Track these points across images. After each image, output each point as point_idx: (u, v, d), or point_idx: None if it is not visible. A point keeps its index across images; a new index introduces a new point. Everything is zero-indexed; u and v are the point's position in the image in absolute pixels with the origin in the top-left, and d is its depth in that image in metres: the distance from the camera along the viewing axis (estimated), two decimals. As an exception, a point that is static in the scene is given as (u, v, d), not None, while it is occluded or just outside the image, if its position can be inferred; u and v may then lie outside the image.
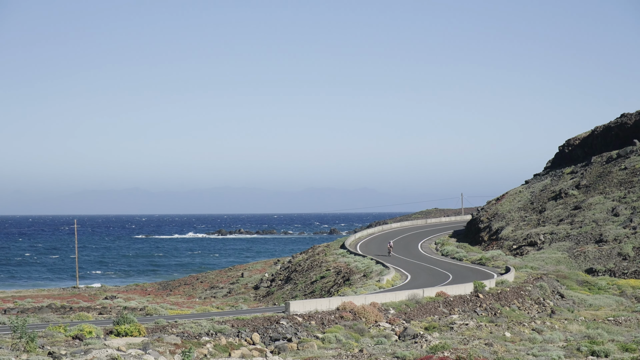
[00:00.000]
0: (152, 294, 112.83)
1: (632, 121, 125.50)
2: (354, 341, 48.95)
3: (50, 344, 40.38)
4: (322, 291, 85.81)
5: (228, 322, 48.63)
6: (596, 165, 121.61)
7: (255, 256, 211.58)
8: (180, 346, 42.34)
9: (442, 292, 63.97)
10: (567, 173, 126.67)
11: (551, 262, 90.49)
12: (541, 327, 56.43)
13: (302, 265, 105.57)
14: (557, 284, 75.96)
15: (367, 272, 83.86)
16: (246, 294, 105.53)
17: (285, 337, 48.07)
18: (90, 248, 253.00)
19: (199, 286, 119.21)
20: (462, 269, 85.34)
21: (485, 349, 45.98)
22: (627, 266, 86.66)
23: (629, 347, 47.23)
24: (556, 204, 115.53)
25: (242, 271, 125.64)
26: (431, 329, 54.57)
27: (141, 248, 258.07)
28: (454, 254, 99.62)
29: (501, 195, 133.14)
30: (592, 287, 77.88)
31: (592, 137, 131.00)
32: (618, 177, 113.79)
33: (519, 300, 67.83)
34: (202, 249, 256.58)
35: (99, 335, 42.76)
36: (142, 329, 43.90)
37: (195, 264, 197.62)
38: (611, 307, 69.19)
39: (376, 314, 55.63)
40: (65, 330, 43.25)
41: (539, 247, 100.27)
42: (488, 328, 54.90)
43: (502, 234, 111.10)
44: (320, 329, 51.37)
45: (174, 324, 47.43)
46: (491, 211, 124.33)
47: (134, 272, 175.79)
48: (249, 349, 44.96)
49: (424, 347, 46.49)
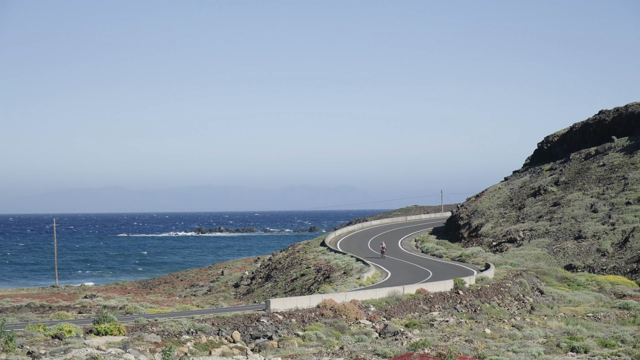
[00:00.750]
0: (132, 292, 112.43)
1: (610, 118, 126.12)
2: (335, 339, 48.95)
3: (29, 344, 40.17)
4: (303, 289, 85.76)
5: (208, 321, 48.53)
6: (575, 162, 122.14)
7: (235, 254, 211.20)
8: (161, 345, 42.21)
9: (423, 289, 64.08)
10: (546, 170, 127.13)
11: (531, 258, 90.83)
12: (521, 324, 56.60)
13: (283, 263, 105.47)
14: (536, 280, 76.23)
15: (347, 270, 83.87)
16: (226, 292, 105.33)
17: (266, 335, 48.01)
18: (70, 247, 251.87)
19: (179, 284, 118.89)
20: (442, 266, 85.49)
21: (465, 345, 46.06)
22: (606, 262, 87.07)
23: (608, 343, 47.44)
24: (535, 200, 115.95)
25: (222, 269, 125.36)
26: (411, 326, 54.62)
27: (121, 247, 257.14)
28: (434, 251, 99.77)
29: (481, 192, 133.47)
30: (572, 284, 78.20)
31: (570, 134, 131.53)
32: (596, 174, 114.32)
33: (499, 296, 68.02)
34: (182, 247, 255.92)
35: (78, 335, 42.57)
36: (122, 328, 43.74)
37: (175, 262, 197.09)
38: (590, 303, 69.48)
39: (357, 312, 55.65)
40: (44, 330, 43.03)
41: (519, 243, 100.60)
42: (468, 325, 55.00)
43: (482, 231, 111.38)
44: (301, 326, 51.35)
45: (154, 322, 47.28)
46: (471, 208, 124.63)
47: (114, 271, 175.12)
48: (230, 347, 44.87)
49: (405, 344, 46.53)
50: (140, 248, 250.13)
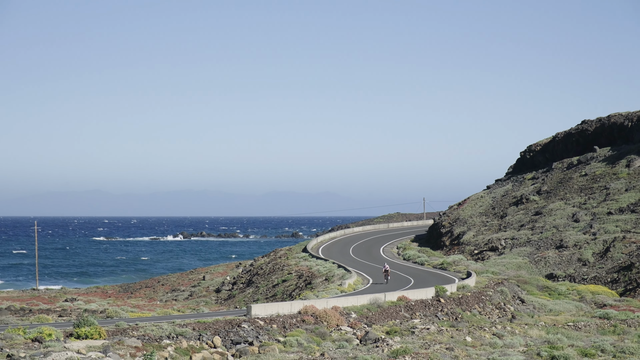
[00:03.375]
0: (113, 296, 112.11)
1: (592, 128, 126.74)
2: (316, 345, 48.91)
3: (9, 347, 39.95)
4: (284, 295, 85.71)
5: (189, 325, 48.42)
6: (557, 171, 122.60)
7: (217, 259, 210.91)
8: (141, 349, 42.08)
9: (404, 297, 64.11)
10: (528, 179, 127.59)
11: (512, 267, 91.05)
12: (502, 332, 56.70)
13: (264, 269, 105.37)
14: (517, 289, 76.41)
15: (329, 276, 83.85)
16: (208, 297, 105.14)
17: (247, 340, 47.93)
18: (51, 250, 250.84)
19: (160, 289, 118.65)
20: (423, 274, 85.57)
21: (446, 353, 46.10)
22: (587, 272, 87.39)
23: (589, 352, 47.57)
24: (517, 209, 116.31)
25: (203, 274, 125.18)
26: (392, 333, 54.63)
27: (102, 250, 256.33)
28: (416, 259, 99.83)
29: (463, 200, 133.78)
30: (553, 293, 78.42)
31: (553, 143, 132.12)
32: (578, 183, 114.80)
33: (480, 305, 68.14)
34: (164, 251, 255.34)
35: (58, 338, 42.39)
36: (102, 332, 43.59)
37: (156, 266, 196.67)
38: (571, 313, 69.69)
39: (338, 318, 55.63)
40: (24, 333, 42.81)
41: (500, 252, 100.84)
42: (449, 332, 55.06)
43: (464, 239, 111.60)
44: (282, 332, 51.29)
45: (134, 326, 47.13)
46: (453, 216, 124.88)
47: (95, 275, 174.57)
48: (210, 352, 44.78)
49: (386, 351, 46.53)
50: (122, 252, 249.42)
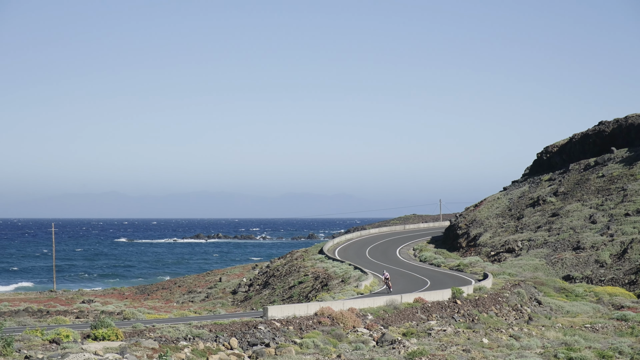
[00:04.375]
0: (130, 298, 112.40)
1: (609, 129, 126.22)
2: (332, 346, 48.90)
3: (27, 348, 40.11)
4: (300, 296, 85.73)
5: (206, 327, 48.49)
6: (574, 173, 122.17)
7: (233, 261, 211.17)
8: (158, 350, 42.17)
9: (420, 298, 64.03)
10: (545, 180, 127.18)
11: (529, 268, 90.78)
12: (518, 334, 56.56)
13: (280, 270, 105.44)
14: (534, 290, 76.19)
15: (345, 278, 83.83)
16: (224, 298, 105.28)
17: (263, 342, 47.95)
18: (68, 252, 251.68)
19: (177, 290, 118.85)
20: (440, 275, 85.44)
21: (462, 355, 46.04)
22: (604, 273, 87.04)
23: (606, 354, 47.41)
24: (534, 210, 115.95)
25: (220, 276, 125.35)
26: (409, 334, 54.59)
27: (119, 252, 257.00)
28: (432, 260, 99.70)
29: (479, 202, 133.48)
30: (570, 294, 78.16)
31: (570, 145, 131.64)
32: (596, 185, 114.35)
33: (497, 306, 67.99)
34: (180, 253, 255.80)
35: (76, 339, 42.52)
36: (119, 333, 43.69)
37: (173, 268, 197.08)
38: (588, 314, 69.45)
39: (354, 320, 55.61)
40: (42, 334, 42.96)
41: (517, 253, 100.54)
42: (466, 334, 54.98)
43: (480, 241, 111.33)
44: (298, 334, 51.31)
45: (151, 328, 47.22)
46: (469, 217, 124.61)
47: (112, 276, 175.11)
48: (227, 354, 44.83)
49: (402, 352, 46.50)
50: (139, 254, 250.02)
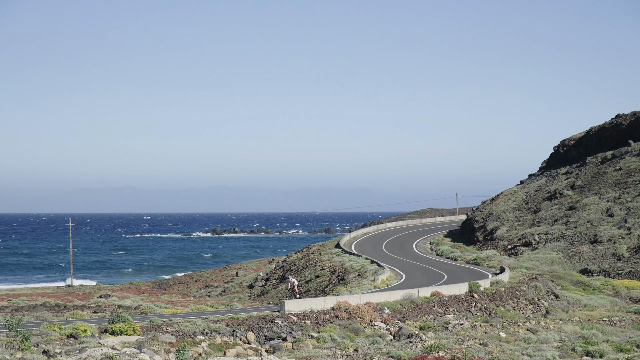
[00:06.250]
0: (147, 292, 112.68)
1: (626, 122, 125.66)
2: (349, 340, 48.92)
3: (44, 343, 40.28)
4: (317, 290, 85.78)
5: (223, 321, 48.58)
6: (591, 166, 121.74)
7: (249, 255, 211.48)
8: (175, 345, 42.27)
9: (437, 292, 63.97)
10: (562, 173, 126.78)
11: (546, 262, 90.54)
12: (536, 327, 56.45)
13: (297, 265, 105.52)
14: (551, 284, 76.01)
15: (362, 272, 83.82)
16: (241, 293, 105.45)
17: (280, 336, 48.03)
18: (86, 246, 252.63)
19: (194, 285, 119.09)
20: (456, 269, 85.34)
21: (480, 348, 45.98)
22: (622, 267, 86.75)
23: (624, 348, 47.27)
24: (551, 204, 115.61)
25: (236, 270, 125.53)
26: (426, 328, 54.56)
27: (136, 247, 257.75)
28: (449, 254, 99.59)
29: (496, 196, 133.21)
30: (587, 288, 77.94)
31: (587, 138, 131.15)
32: (613, 178, 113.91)
33: (514, 300, 67.87)
34: (197, 247, 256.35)
35: (93, 334, 42.67)
36: (136, 328, 43.82)
37: (189, 262, 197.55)
38: (606, 308, 69.25)
39: (371, 314, 55.61)
40: (59, 329, 43.14)
41: (534, 247, 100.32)
42: (483, 328, 54.91)
43: (497, 234, 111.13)
44: (315, 328, 51.35)
45: (168, 322, 47.36)
46: (486, 211, 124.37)
47: (129, 271, 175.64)
48: (244, 348, 44.91)
49: (419, 346, 46.48)
50: (156, 248, 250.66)
